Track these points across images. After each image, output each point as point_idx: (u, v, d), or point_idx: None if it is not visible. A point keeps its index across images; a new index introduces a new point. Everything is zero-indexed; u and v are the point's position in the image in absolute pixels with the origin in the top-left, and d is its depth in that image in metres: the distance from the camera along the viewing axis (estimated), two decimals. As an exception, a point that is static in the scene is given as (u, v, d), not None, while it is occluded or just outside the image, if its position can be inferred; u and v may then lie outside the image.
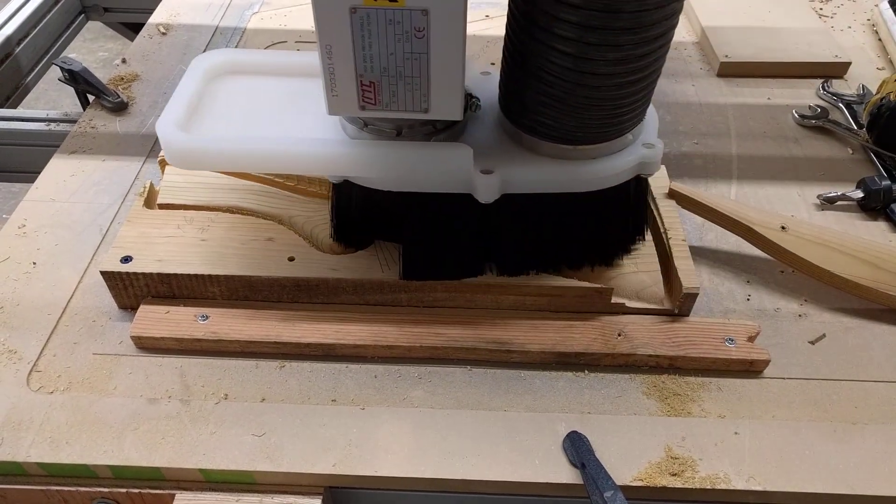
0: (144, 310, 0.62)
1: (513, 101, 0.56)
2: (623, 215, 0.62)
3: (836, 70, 0.96)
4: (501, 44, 0.56)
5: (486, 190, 0.55)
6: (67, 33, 1.21)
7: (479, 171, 0.54)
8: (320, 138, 0.56)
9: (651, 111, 0.59)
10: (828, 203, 0.77)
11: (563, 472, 0.54)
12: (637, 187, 0.60)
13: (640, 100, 0.54)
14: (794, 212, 0.76)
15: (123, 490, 0.54)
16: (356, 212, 0.61)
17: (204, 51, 0.99)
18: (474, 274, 0.62)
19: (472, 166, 0.54)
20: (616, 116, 0.54)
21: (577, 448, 0.54)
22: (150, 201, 0.68)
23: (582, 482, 0.52)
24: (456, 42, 0.48)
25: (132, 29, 1.37)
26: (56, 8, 1.16)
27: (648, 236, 0.66)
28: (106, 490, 0.54)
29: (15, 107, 1.07)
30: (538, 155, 0.56)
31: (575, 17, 0.47)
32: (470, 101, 0.57)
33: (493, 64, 0.97)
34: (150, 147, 0.83)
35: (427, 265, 0.61)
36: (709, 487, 0.53)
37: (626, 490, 0.52)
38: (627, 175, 0.58)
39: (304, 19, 1.08)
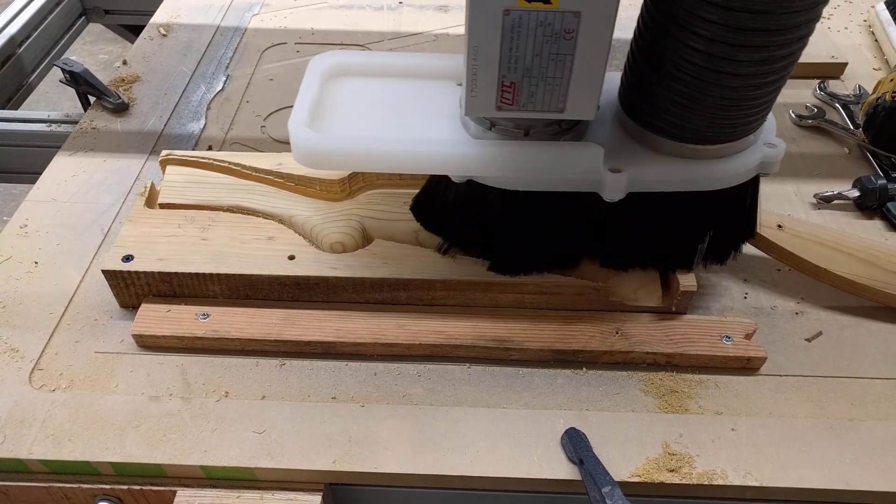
0: (146, 308, 0.63)
1: (640, 101, 0.55)
2: (739, 213, 0.61)
3: (832, 70, 0.97)
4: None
5: (614, 189, 0.55)
6: (68, 35, 1.21)
7: (607, 170, 0.54)
8: (448, 139, 0.56)
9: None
10: (824, 202, 0.77)
11: (561, 469, 0.54)
12: (753, 186, 0.60)
13: (771, 99, 0.53)
14: (790, 210, 0.77)
15: (125, 487, 0.55)
16: (471, 209, 0.60)
17: (204, 52, 1.00)
18: (573, 265, 0.62)
19: (602, 165, 0.54)
20: (747, 116, 0.53)
21: (576, 444, 0.54)
22: (151, 201, 0.68)
23: (580, 478, 0.53)
24: (603, 43, 0.48)
25: (132, 31, 1.38)
26: (57, 10, 1.17)
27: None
28: (108, 487, 0.55)
29: (16, 108, 1.08)
30: (663, 154, 0.56)
31: (721, 18, 0.46)
32: None
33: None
34: (150, 147, 0.83)
35: (529, 258, 0.62)
36: (706, 483, 0.53)
37: (624, 486, 0.53)
38: (750, 174, 0.57)
39: (304, 20, 1.08)
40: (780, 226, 0.68)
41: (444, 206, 0.62)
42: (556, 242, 0.61)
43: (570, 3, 0.46)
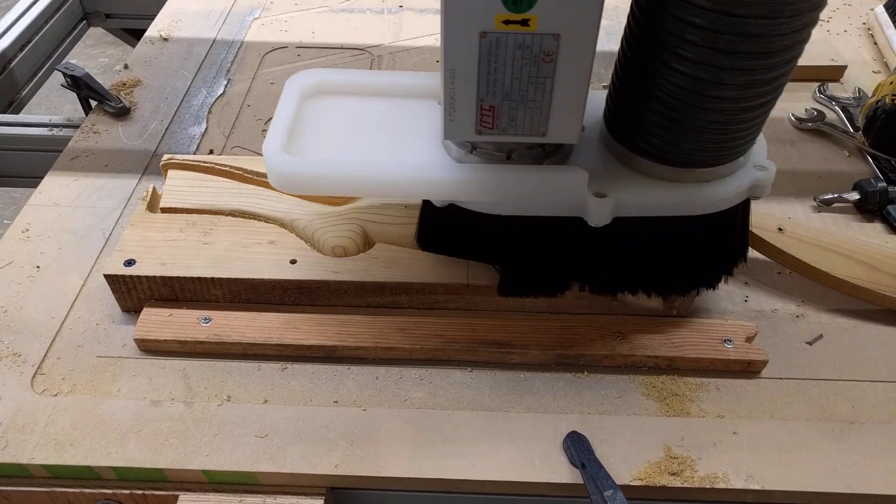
0: (147, 313, 0.63)
1: (627, 124, 0.54)
2: (729, 237, 0.60)
3: (832, 73, 0.97)
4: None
5: (599, 213, 0.53)
6: (69, 39, 1.22)
7: (592, 195, 0.53)
8: (428, 162, 0.54)
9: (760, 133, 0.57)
10: (824, 205, 0.78)
11: (563, 472, 0.54)
12: (744, 209, 0.58)
13: (760, 122, 0.52)
14: (790, 214, 0.77)
15: (127, 491, 0.55)
16: (453, 234, 0.59)
17: (205, 57, 1.00)
18: (563, 290, 0.61)
19: (586, 190, 0.53)
20: (736, 139, 0.52)
21: (577, 448, 0.54)
22: (152, 205, 0.69)
23: (582, 482, 0.53)
24: (584, 66, 0.47)
25: (133, 35, 1.38)
26: (58, 15, 1.17)
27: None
28: (110, 491, 0.55)
29: (17, 112, 1.08)
30: (650, 177, 0.54)
31: (706, 41, 0.45)
32: None
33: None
34: (152, 151, 0.83)
35: (522, 283, 0.61)
36: (708, 487, 0.54)
37: (626, 489, 0.53)
38: (740, 198, 0.56)
39: (304, 26, 1.08)
40: (780, 229, 0.68)
41: (434, 229, 0.60)
42: (542, 268, 0.60)
43: (548, 26, 0.44)
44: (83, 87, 0.87)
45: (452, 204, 0.55)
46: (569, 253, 0.58)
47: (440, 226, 0.59)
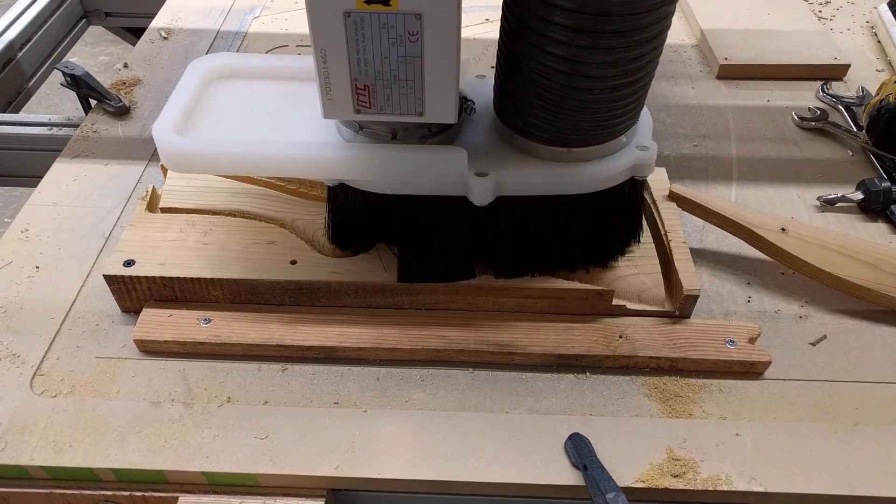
0: (147, 313, 0.63)
1: (507, 104, 0.56)
2: (618, 217, 0.62)
3: (835, 72, 0.96)
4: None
5: (481, 192, 0.55)
6: (69, 38, 1.21)
7: (473, 174, 0.54)
8: (315, 142, 0.56)
9: (645, 113, 0.59)
10: (828, 205, 0.77)
11: (565, 474, 0.54)
12: (632, 189, 0.60)
13: (633, 102, 0.54)
14: (794, 213, 0.76)
15: (127, 493, 0.55)
16: (352, 215, 0.61)
17: (206, 54, 1.00)
18: (469, 276, 0.62)
19: (467, 169, 0.54)
20: (609, 119, 0.54)
21: (579, 450, 0.54)
22: (152, 205, 0.68)
23: (584, 484, 0.52)
24: (449, 46, 0.48)
25: (133, 33, 1.38)
26: (58, 13, 1.17)
27: (648, 238, 0.66)
28: (109, 493, 0.55)
29: (17, 111, 1.08)
30: (532, 157, 0.56)
31: (566, 21, 0.47)
32: (465, 104, 0.57)
33: (492, 68, 0.97)
34: (152, 151, 0.83)
35: (423, 267, 0.61)
36: (710, 489, 0.53)
37: (628, 491, 0.52)
38: (621, 177, 0.58)
39: (304, 24, 1.08)
40: (783, 229, 0.67)
41: (339, 215, 0.62)
42: (446, 250, 0.61)
43: (409, 5, 0.45)
44: (83, 86, 0.87)
45: (343, 186, 0.57)
46: (462, 235, 0.60)
47: (347, 215, 0.61)
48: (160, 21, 1.07)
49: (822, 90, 0.93)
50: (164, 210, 0.68)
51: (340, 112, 0.52)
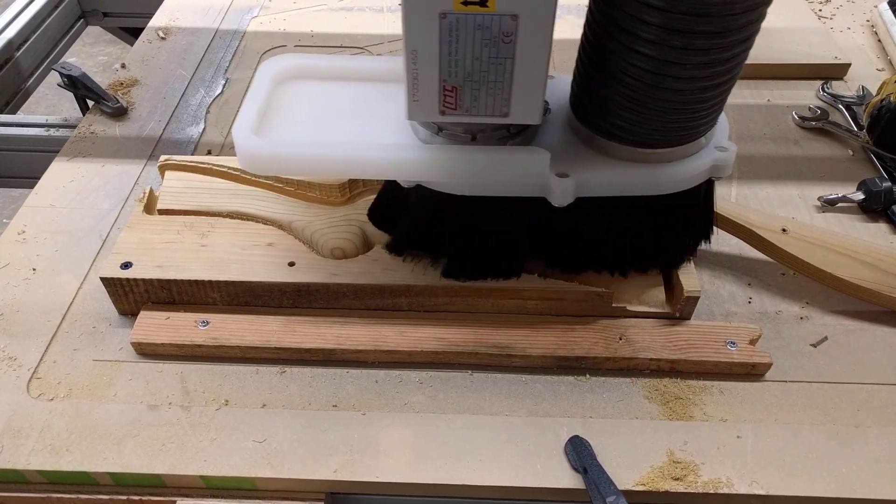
0: (144, 316, 0.62)
1: (589, 105, 0.55)
2: (692, 217, 0.61)
3: (835, 71, 0.96)
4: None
5: (561, 193, 0.54)
6: (67, 38, 1.21)
7: (554, 175, 0.54)
8: (395, 143, 0.55)
9: (722, 114, 0.58)
10: (828, 205, 0.77)
11: (565, 477, 0.54)
12: (707, 189, 0.59)
13: (719, 102, 0.53)
14: (794, 214, 0.76)
15: (124, 497, 0.54)
16: (423, 216, 0.60)
17: (203, 56, 0.99)
18: (517, 275, 0.62)
19: (549, 170, 0.54)
20: (695, 119, 0.53)
21: (579, 453, 0.54)
22: (149, 207, 0.68)
23: (584, 487, 0.52)
24: (542, 47, 0.47)
25: (131, 33, 1.38)
26: (55, 13, 1.16)
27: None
28: (106, 497, 0.54)
29: (15, 112, 1.07)
30: (612, 158, 0.55)
31: (660, 20, 0.46)
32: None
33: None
34: (149, 152, 0.82)
35: (475, 266, 0.61)
36: (711, 492, 0.53)
37: (629, 495, 0.52)
38: (701, 178, 0.57)
39: (302, 23, 1.07)
40: (784, 229, 0.67)
41: (397, 210, 0.62)
42: (505, 248, 0.61)
43: (507, 6, 0.45)
44: (80, 86, 0.87)
45: (419, 185, 0.56)
46: (523, 234, 0.59)
47: (401, 206, 0.60)
48: (158, 21, 1.07)
49: (823, 89, 0.93)
50: (162, 212, 0.68)
51: (425, 113, 0.52)
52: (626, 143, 0.55)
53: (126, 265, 0.62)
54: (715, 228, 0.64)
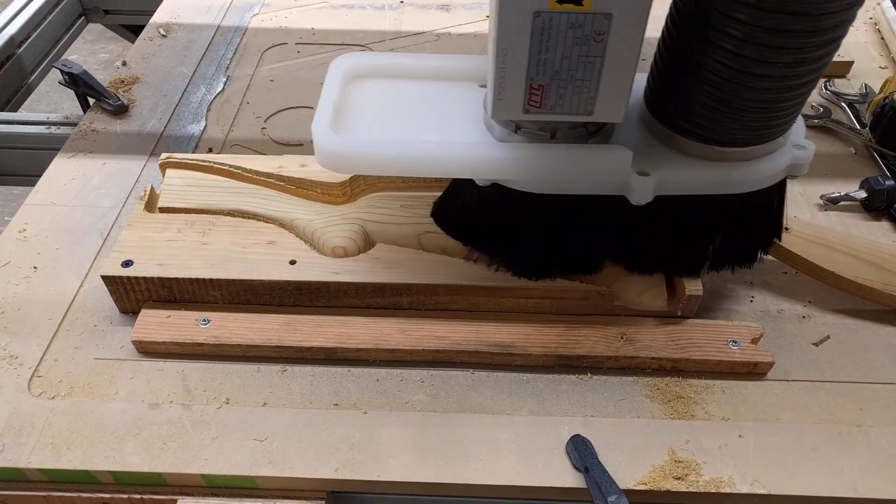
0: (145, 314, 0.62)
1: (668, 102, 0.55)
2: (766, 215, 0.61)
3: (838, 69, 0.96)
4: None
5: (641, 192, 0.54)
6: (68, 35, 1.21)
7: (635, 173, 0.54)
8: (475, 141, 0.55)
9: None
10: (831, 203, 0.77)
11: (566, 477, 0.53)
12: (781, 187, 0.59)
13: (802, 101, 0.53)
14: (796, 212, 0.76)
15: (125, 495, 0.54)
16: (500, 214, 0.60)
17: (204, 53, 0.99)
18: (595, 270, 0.62)
19: (630, 169, 0.54)
20: (779, 118, 0.53)
21: (581, 452, 0.54)
22: (150, 205, 0.68)
23: (585, 486, 0.52)
24: (634, 45, 0.47)
25: (132, 31, 1.37)
26: (56, 11, 1.16)
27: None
28: (108, 496, 0.54)
29: (16, 109, 1.07)
30: (691, 156, 0.55)
31: (755, 19, 0.46)
32: None
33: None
34: (150, 150, 0.82)
35: (548, 261, 0.61)
36: (713, 491, 0.53)
37: (630, 494, 0.52)
38: (779, 176, 0.56)
39: (304, 20, 1.07)
40: (786, 228, 0.67)
41: (465, 210, 0.61)
42: (578, 246, 0.60)
43: (601, 5, 0.45)
44: (81, 84, 0.87)
45: (494, 184, 0.56)
46: (602, 231, 0.59)
47: (473, 206, 0.60)
48: (159, 18, 1.07)
49: (825, 87, 0.93)
50: (163, 210, 0.67)
51: (509, 112, 0.52)
52: (709, 141, 0.54)
53: (127, 263, 0.62)
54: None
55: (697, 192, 0.55)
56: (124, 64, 0.97)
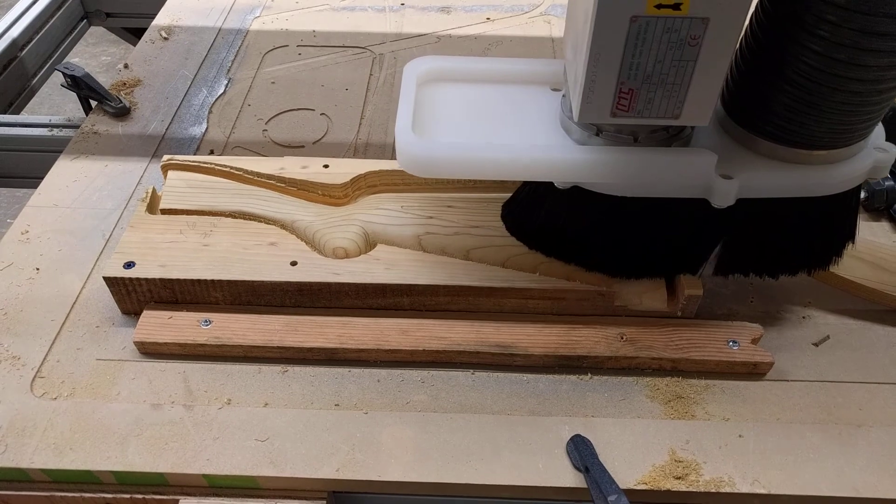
0: (147, 315, 0.62)
1: (750, 106, 0.55)
2: (843, 218, 0.61)
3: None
4: (501, 45, 0.55)
5: (724, 195, 0.54)
6: (70, 38, 1.21)
7: (718, 176, 0.54)
8: (556, 144, 0.56)
9: None
10: (831, 204, 0.77)
11: (566, 476, 0.54)
12: (857, 190, 0.59)
13: (889, 103, 0.53)
14: (797, 213, 0.76)
15: (127, 496, 0.54)
16: (580, 216, 0.60)
17: (205, 56, 1.00)
18: (693, 271, 0.62)
19: (714, 172, 0.54)
20: (865, 121, 0.52)
21: (581, 452, 0.54)
22: (152, 207, 0.68)
23: (586, 486, 0.52)
24: (727, 49, 0.47)
25: (134, 34, 1.38)
26: (58, 14, 1.17)
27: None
28: (110, 496, 0.55)
29: (19, 112, 1.08)
30: (773, 159, 0.55)
31: (848, 21, 0.45)
32: None
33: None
34: (152, 152, 0.83)
35: (643, 263, 0.61)
36: (713, 491, 0.53)
37: (631, 494, 0.52)
38: (861, 179, 0.56)
39: (305, 23, 1.08)
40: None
41: (539, 213, 0.61)
42: (661, 248, 0.60)
43: (699, 10, 0.45)
44: (83, 87, 0.87)
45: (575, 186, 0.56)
46: (679, 234, 0.59)
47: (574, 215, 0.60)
48: (160, 21, 1.07)
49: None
50: (165, 211, 0.68)
51: (595, 115, 0.52)
52: (790, 144, 0.54)
53: (129, 265, 0.62)
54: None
55: (780, 195, 0.55)
56: (126, 66, 0.97)
